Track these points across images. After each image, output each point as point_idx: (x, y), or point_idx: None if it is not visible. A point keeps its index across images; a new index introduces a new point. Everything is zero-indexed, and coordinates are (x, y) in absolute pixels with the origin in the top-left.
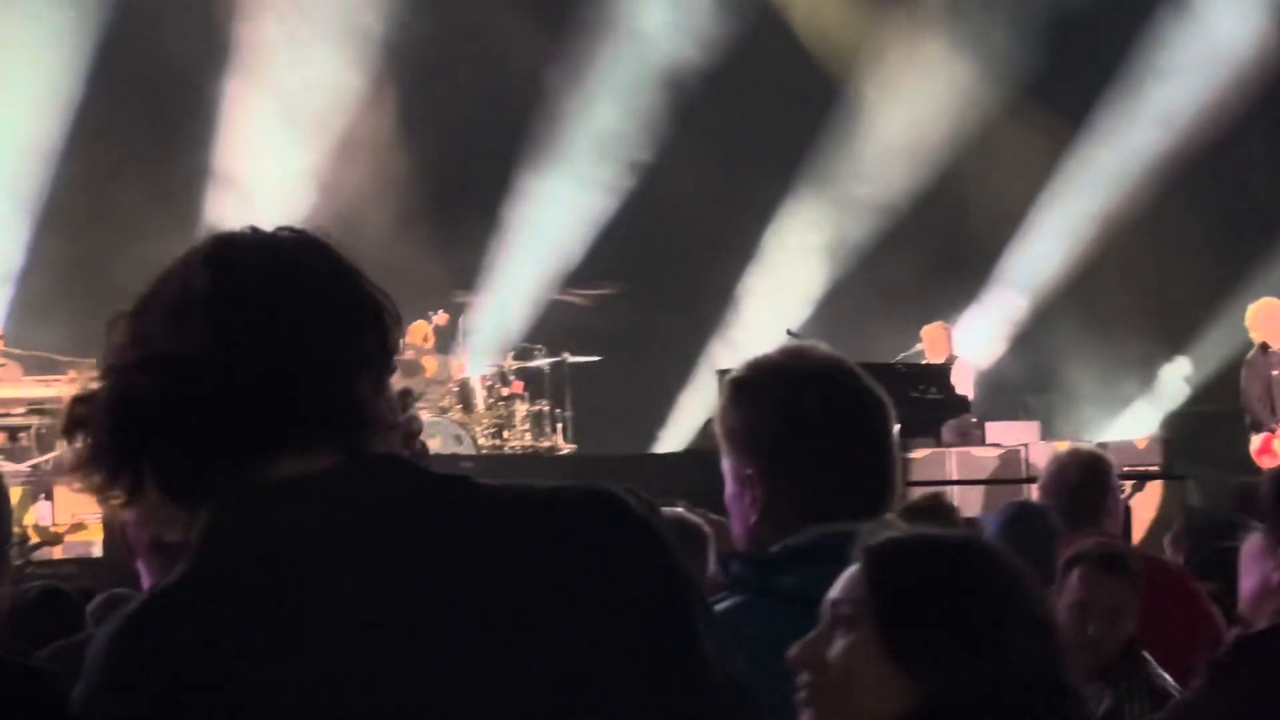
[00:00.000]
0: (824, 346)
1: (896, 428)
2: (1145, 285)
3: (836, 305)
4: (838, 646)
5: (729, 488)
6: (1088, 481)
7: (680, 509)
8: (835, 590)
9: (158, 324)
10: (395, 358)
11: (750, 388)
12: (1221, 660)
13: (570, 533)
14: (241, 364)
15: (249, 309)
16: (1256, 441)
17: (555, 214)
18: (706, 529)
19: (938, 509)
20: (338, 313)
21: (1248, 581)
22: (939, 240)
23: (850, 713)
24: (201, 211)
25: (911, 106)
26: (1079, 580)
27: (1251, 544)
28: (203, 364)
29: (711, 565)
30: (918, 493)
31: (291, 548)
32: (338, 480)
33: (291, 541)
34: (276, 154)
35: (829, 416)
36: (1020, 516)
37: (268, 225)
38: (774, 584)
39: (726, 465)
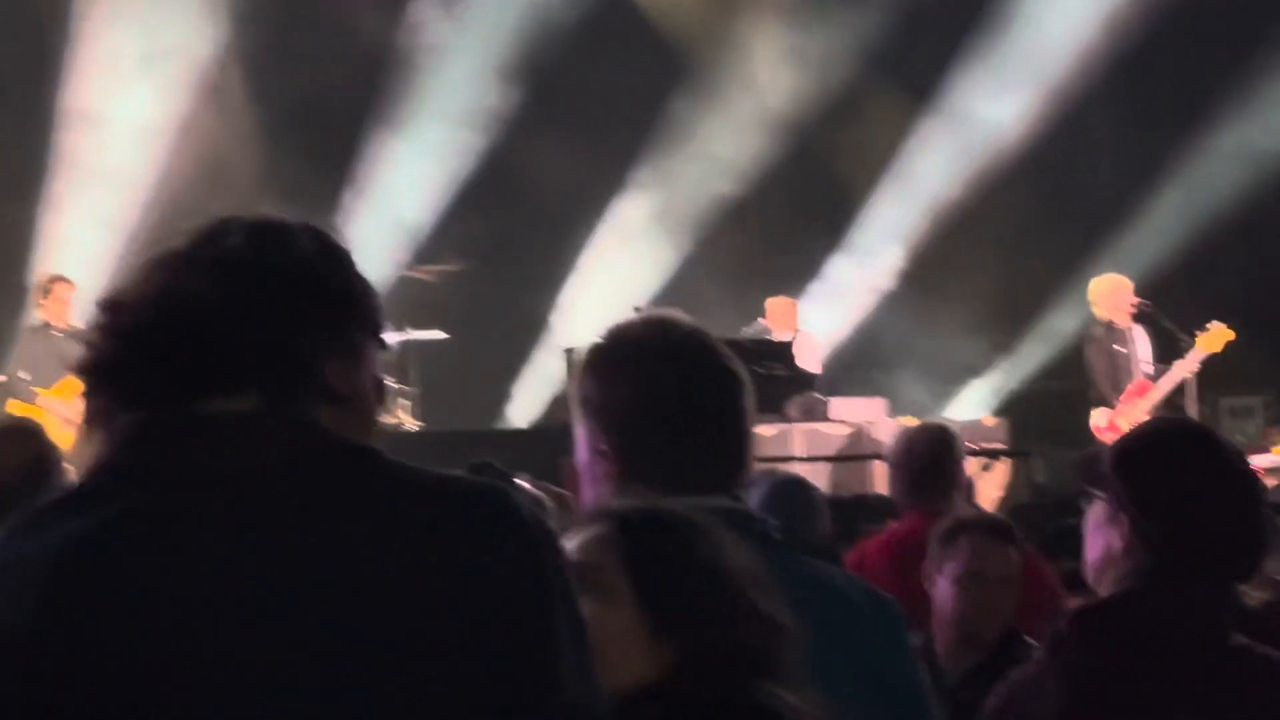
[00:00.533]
0: (687, 319)
1: (752, 404)
2: (991, 263)
3: (683, 281)
4: (588, 611)
5: (581, 455)
6: (935, 456)
7: (525, 482)
8: (583, 555)
9: (139, 275)
10: (376, 349)
11: (610, 358)
12: (1061, 631)
13: (450, 521)
14: (181, 309)
15: (210, 265)
16: (1101, 418)
17: (400, 190)
18: (548, 502)
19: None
20: (306, 286)
21: (1091, 551)
22: (786, 215)
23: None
24: (58, 150)
25: (759, 81)
26: (970, 550)
27: (1094, 514)
28: (147, 306)
29: None
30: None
31: (176, 482)
32: (242, 426)
33: (177, 475)
34: (136, 96)
35: (687, 393)
36: (783, 489)
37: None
38: None
39: (581, 433)
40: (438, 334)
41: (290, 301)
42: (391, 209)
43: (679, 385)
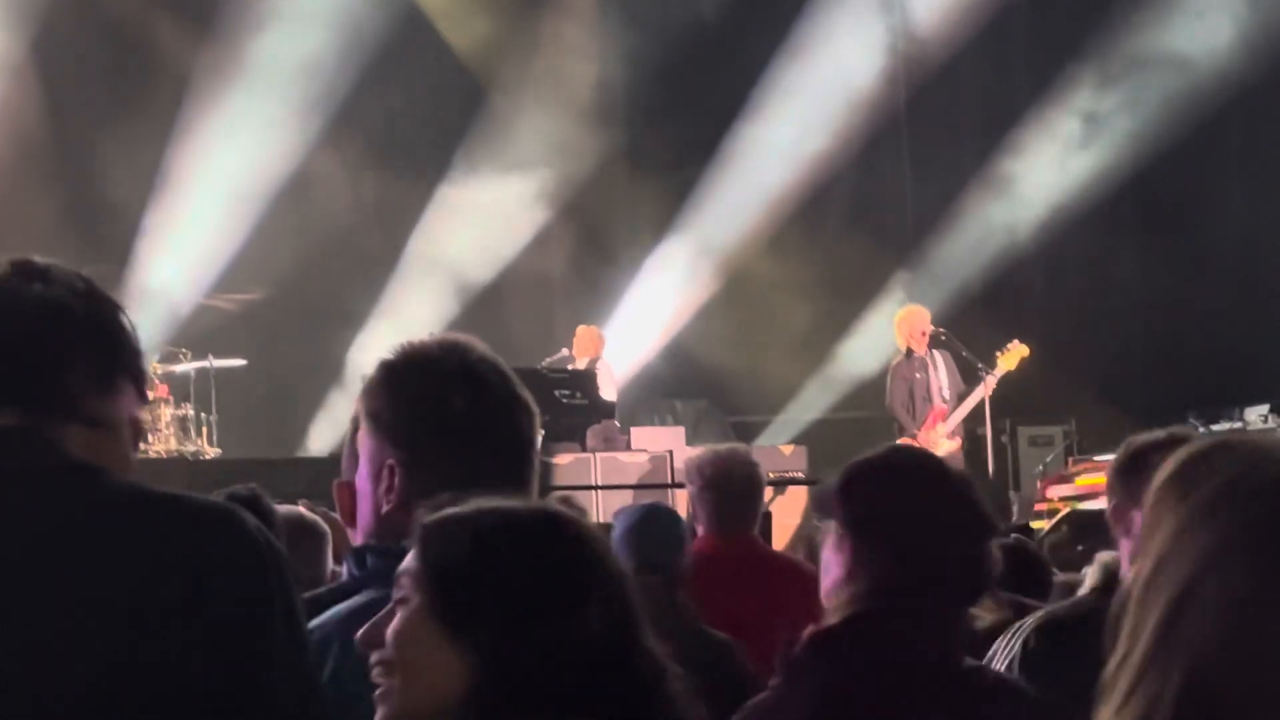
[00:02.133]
0: (480, 345)
1: (540, 435)
2: (756, 293)
3: (485, 308)
4: (393, 627)
5: (363, 469)
6: (748, 481)
7: (301, 508)
8: (400, 567)
9: None
10: (134, 392)
11: (401, 375)
12: (796, 657)
13: (176, 538)
14: None
15: None
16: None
17: (200, 215)
18: (324, 526)
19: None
20: (74, 323)
21: (825, 577)
22: (589, 242)
23: (412, 690)
24: None
25: (557, 105)
26: None
27: (827, 544)
28: None
29: (329, 562)
30: (553, 496)
31: None
32: None
33: None
34: None
35: (475, 417)
36: (650, 517)
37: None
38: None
39: (364, 447)
40: (238, 361)
41: (58, 335)
42: (191, 234)
43: (468, 408)
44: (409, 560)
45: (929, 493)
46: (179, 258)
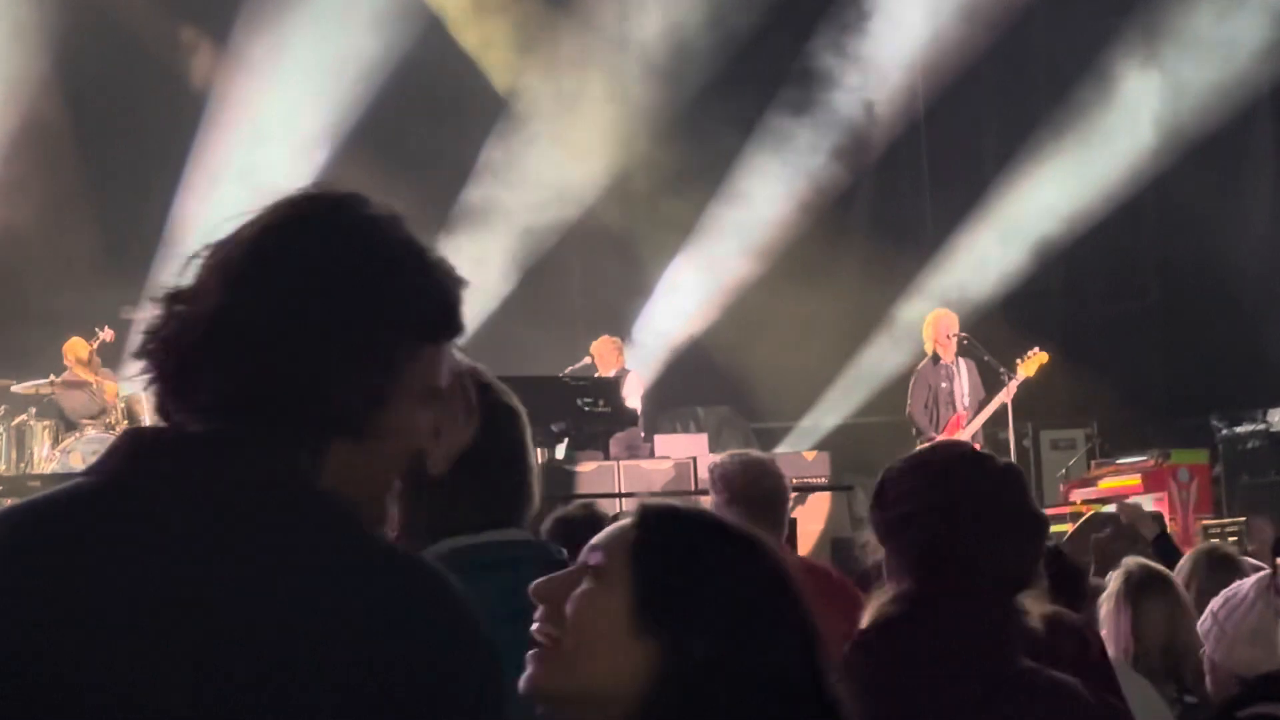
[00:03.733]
0: (461, 358)
1: (529, 432)
2: (777, 299)
3: (508, 318)
4: (581, 592)
5: None
6: (773, 488)
7: None
8: (597, 538)
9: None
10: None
11: None
12: (846, 657)
13: (353, 601)
14: (179, 329)
15: (222, 271)
16: None
17: (222, 232)
18: None
19: (591, 518)
20: (311, 293)
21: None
22: (609, 257)
23: (582, 664)
24: None
25: (579, 115)
26: None
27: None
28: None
29: None
30: (574, 503)
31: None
32: (175, 449)
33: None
34: None
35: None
36: (570, 520)
37: None
38: None
39: None
40: None
41: (291, 314)
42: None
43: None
44: (617, 534)
45: (961, 488)
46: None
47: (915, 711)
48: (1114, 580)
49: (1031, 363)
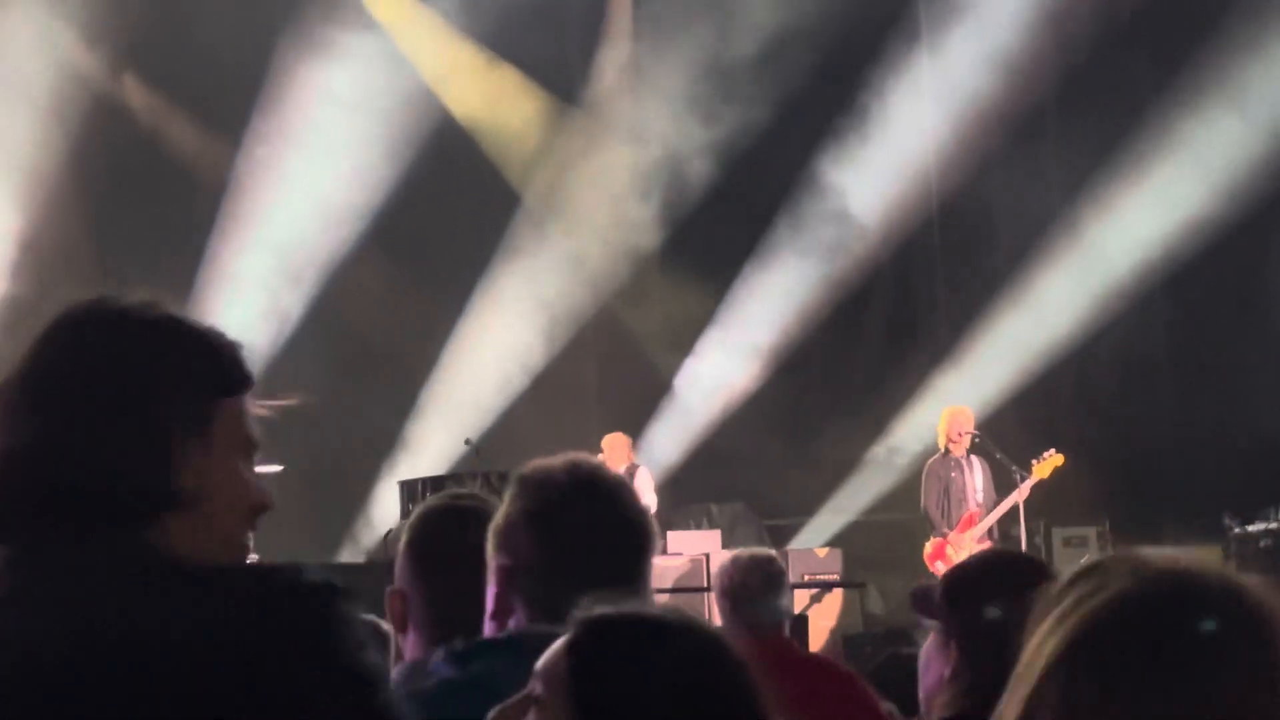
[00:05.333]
0: (604, 466)
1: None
2: (790, 396)
3: (518, 418)
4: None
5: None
6: (764, 584)
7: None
8: (539, 663)
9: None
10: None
11: (520, 487)
12: None
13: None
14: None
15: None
16: (929, 546)
17: (235, 322)
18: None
19: None
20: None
21: (927, 678)
22: (615, 350)
23: None
24: None
25: (593, 211)
26: None
27: (929, 643)
28: None
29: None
30: None
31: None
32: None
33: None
34: None
35: (581, 528)
36: None
37: None
38: (465, 670)
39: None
40: (274, 468)
41: (70, 424)
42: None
43: (577, 517)
44: (552, 660)
45: (1032, 595)
46: None
47: None
48: None
49: (1046, 465)
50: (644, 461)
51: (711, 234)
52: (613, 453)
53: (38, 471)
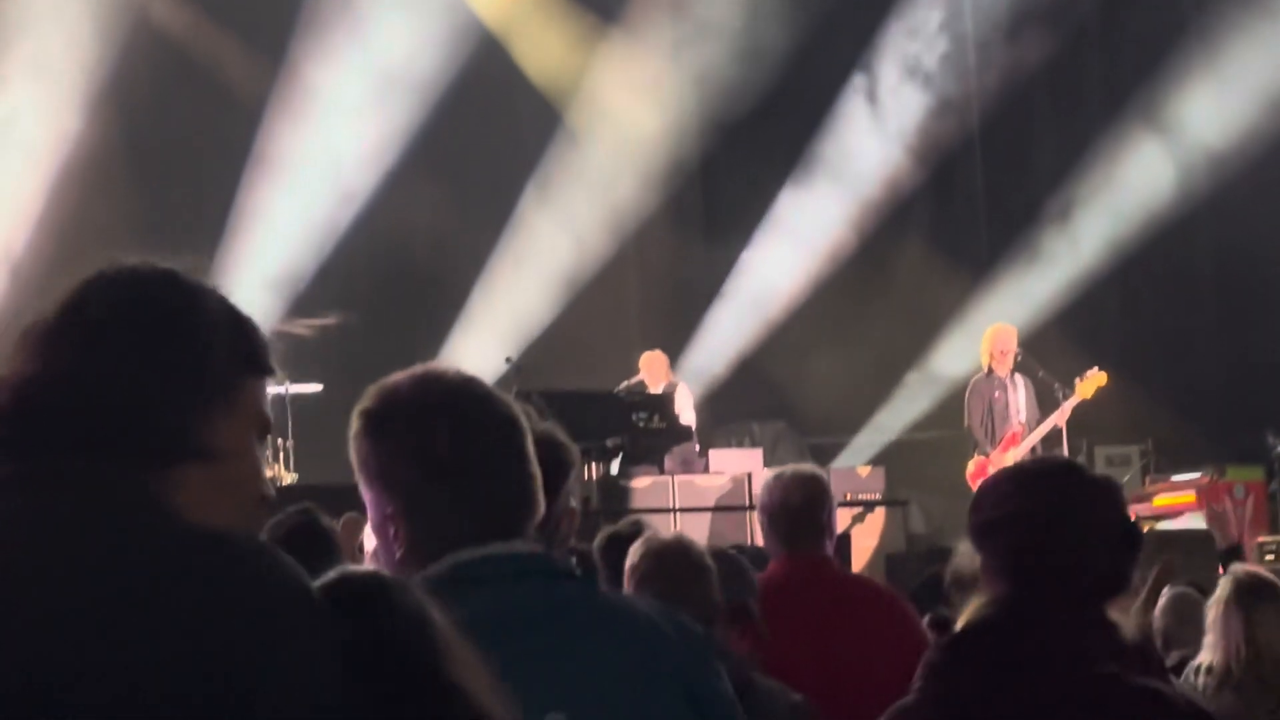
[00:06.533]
0: (454, 370)
1: (530, 443)
2: (833, 315)
3: (561, 335)
4: None
5: (372, 518)
6: (808, 501)
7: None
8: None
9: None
10: (256, 387)
11: (380, 420)
12: (934, 659)
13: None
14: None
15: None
16: (972, 465)
17: (276, 241)
18: None
19: (639, 535)
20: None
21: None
22: (655, 268)
23: None
24: None
25: (633, 133)
26: None
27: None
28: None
29: None
30: (624, 519)
31: None
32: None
33: None
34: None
35: (461, 449)
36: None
37: None
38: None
39: (367, 497)
40: (314, 386)
41: (138, 361)
42: (267, 261)
43: (451, 442)
44: None
45: (1055, 497)
46: (254, 284)
47: (1003, 714)
48: (1222, 586)
49: (1089, 383)
50: (684, 379)
51: (751, 152)
52: (651, 371)
53: (57, 397)
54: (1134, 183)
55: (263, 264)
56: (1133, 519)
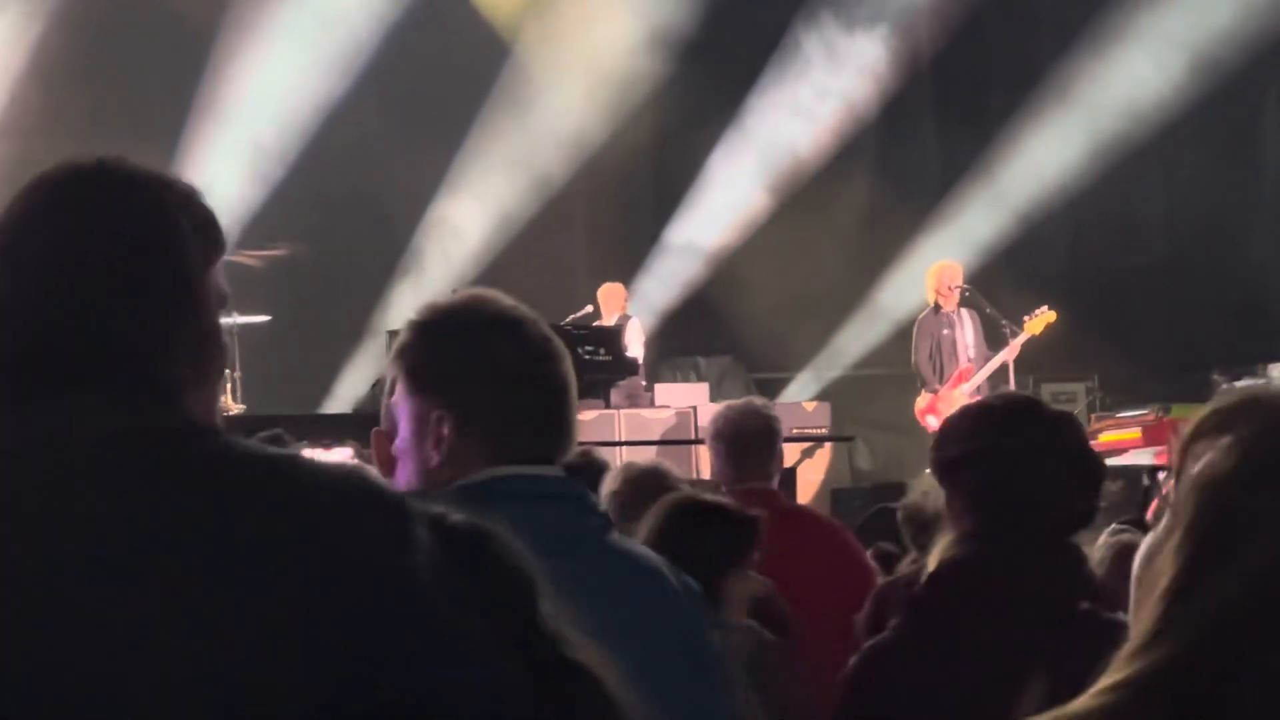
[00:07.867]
0: (504, 296)
1: (574, 379)
2: (780, 249)
3: (508, 267)
4: None
5: (405, 429)
6: (757, 432)
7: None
8: None
9: None
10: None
11: (440, 329)
12: (920, 596)
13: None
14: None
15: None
16: (921, 402)
17: (224, 173)
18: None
19: (589, 465)
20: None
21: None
22: (603, 201)
23: None
24: None
25: (582, 61)
26: None
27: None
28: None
29: None
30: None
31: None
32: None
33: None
34: None
35: (521, 364)
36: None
37: None
38: None
39: (406, 407)
40: (261, 318)
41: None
42: (214, 191)
43: (513, 354)
44: None
45: (1017, 432)
46: None
47: (980, 650)
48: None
49: (1038, 321)
50: (635, 312)
51: (701, 87)
52: (607, 302)
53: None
54: (1083, 121)
55: (210, 194)
56: (1093, 452)
